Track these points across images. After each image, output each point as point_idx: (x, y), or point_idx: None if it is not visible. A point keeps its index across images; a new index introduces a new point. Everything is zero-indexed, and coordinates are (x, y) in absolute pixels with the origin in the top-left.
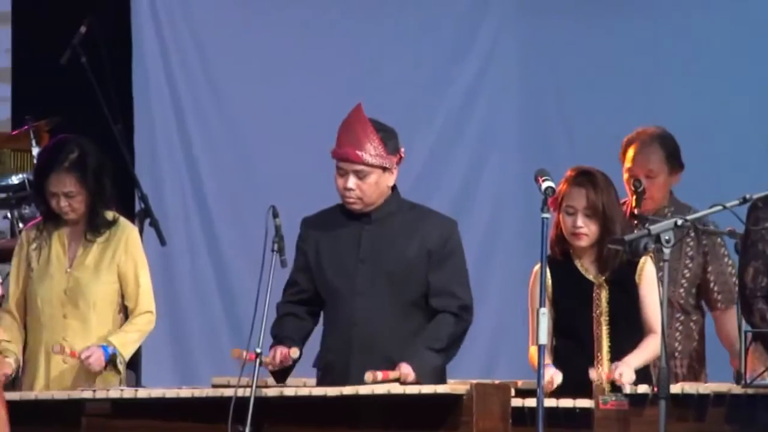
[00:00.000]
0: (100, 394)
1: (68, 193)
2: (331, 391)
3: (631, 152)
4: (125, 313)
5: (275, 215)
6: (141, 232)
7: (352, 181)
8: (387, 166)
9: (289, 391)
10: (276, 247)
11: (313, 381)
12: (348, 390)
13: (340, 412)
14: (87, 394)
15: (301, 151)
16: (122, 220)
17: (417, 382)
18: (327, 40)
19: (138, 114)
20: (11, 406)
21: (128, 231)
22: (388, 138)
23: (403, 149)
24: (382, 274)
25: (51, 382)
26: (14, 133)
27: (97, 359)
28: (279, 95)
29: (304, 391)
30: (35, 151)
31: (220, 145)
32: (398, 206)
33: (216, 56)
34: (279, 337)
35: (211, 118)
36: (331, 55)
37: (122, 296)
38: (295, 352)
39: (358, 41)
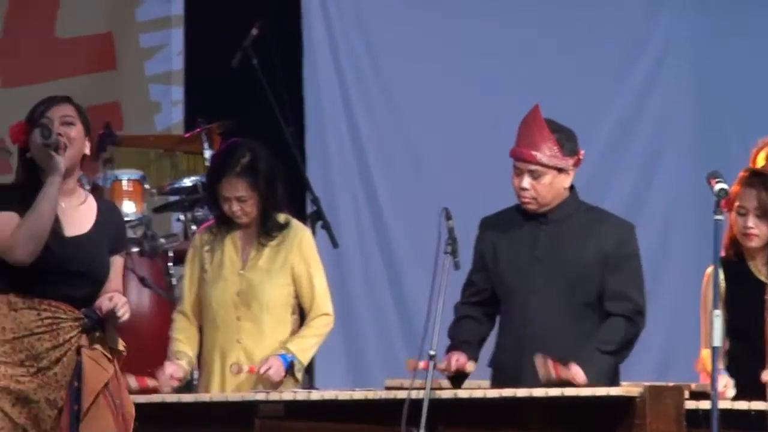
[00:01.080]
0: (274, 396)
1: (240, 198)
2: (506, 392)
3: (763, 154)
4: (300, 314)
5: (448, 217)
6: (313, 234)
7: (526, 181)
8: (562, 167)
9: (463, 393)
10: (449, 249)
11: (488, 383)
12: (522, 392)
13: (514, 413)
14: (260, 396)
15: (473, 151)
16: (295, 222)
17: (586, 386)
18: (500, 38)
19: (309, 116)
20: (186, 407)
21: (301, 233)
22: (565, 139)
23: (582, 152)
24: (557, 275)
25: (227, 384)
26: (187, 135)
27: (277, 371)
28: (451, 95)
29: (478, 393)
30: (207, 153)
31: (391, 146)
32: (576, 208)
33: (387, 57)
34: (456, 341)
35: (382, 119)
36: (504, 54)
37: (297, 298)
38: (471, 366)
39: (531, 40)
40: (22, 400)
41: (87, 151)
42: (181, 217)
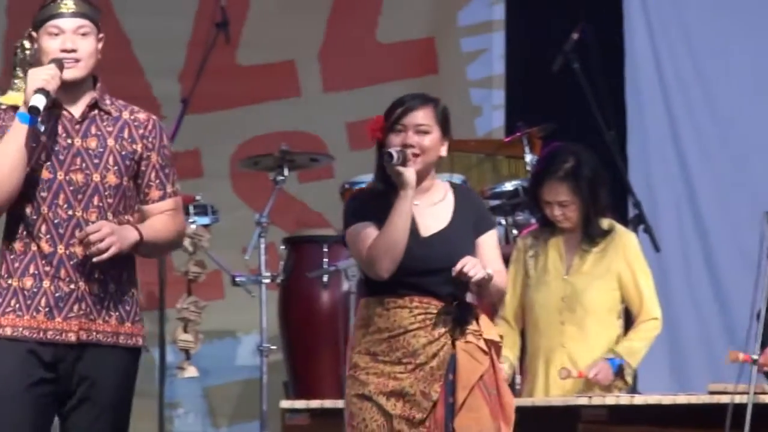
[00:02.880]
0: (597, 401)
1: (562, 202)
2: None
3: None
4: (625, 318)
5: None
6: None
7: None
8: None
9: None
10: None
11: None
12: None
13: None
14: (583, 401)
15: None
16: (619, 227)
17: None
18: None
19: (631, 120)
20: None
21: (626, 238)
22: None
23: None
24: None
25: (550, 389)
26: (507, 140)
27: (606, 375)
28: None
29: None
30: (528, 158)
31: (713, 151)
32: None
33: (709, 60)
34: None
35: (705, 125)
36: None
37: (623, 303)
38: None
39: None
40: (397, 393)
41: (443, 153)
42: (503, 221)
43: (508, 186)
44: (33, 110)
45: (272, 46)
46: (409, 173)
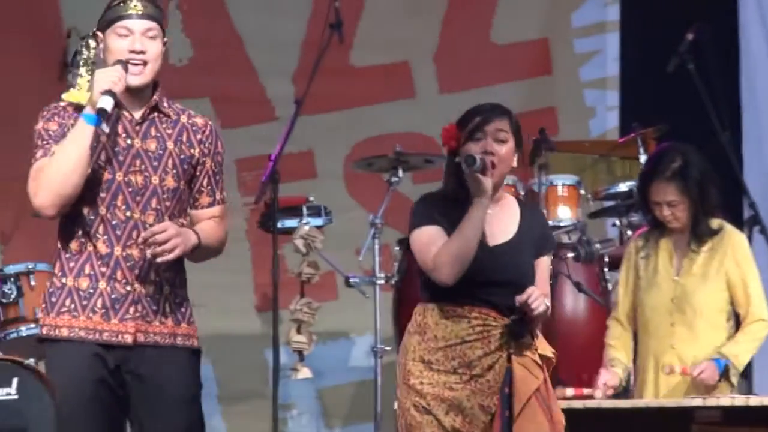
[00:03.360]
0: (711, 402)
1: (670, 203)
2: None
3: None
4: (735, 320)
5: None
6: (750, 239)
7: None
8: None
9: None
10: None
11: None
12: None
13: None
14: (697, 402)
15: None
16: (728, 227)
17: None
18: None
19: (746, 121)
20: (621, 413)
21: (735, 238)
22: None
23: None
24: None
25: (660, 390)
26: (621, 140)
27: (710, 374)
28: None
29: None
30: (643, 158)
31: None
32: None
33: None
34: None
35: None
36: None
37: (732, 304)
38: None
39: None
40: (455, 407)
41: (514, 164)
42: (617, 222)
43: (623, 187)
44: (101, 112)
45: (386, 47)
46: (488, 182)
